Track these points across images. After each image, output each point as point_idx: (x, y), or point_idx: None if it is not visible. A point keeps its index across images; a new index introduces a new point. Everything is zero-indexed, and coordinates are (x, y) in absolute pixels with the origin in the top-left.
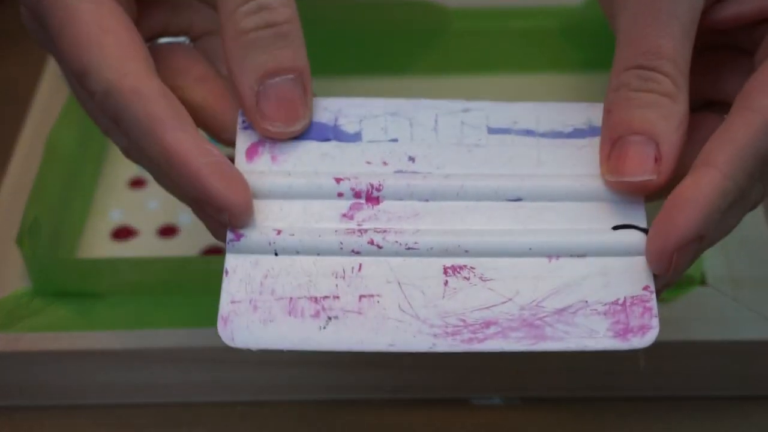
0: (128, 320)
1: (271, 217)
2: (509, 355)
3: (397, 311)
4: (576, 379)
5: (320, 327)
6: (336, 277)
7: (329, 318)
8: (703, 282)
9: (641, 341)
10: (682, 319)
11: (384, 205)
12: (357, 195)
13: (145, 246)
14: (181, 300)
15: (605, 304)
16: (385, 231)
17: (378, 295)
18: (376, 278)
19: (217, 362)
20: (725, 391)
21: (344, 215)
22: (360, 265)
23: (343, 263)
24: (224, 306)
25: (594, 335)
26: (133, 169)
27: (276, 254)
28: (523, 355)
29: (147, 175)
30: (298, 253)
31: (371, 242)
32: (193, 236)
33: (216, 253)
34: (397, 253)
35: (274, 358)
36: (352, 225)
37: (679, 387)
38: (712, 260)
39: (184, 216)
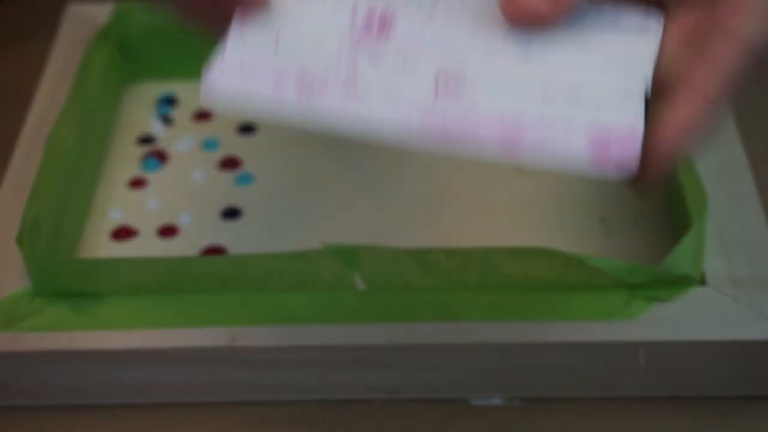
0: (128, 320)
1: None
2: (509, 356)
3: (382, 99)
4: (575, 378)
5: (301, 96)
6: (329, 67)
7: (312, 88)
8: (702, 282)
9: (616, 172)
10: (682, 319)
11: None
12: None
13: (145, 246)
14: (181, 300)
15: (593, 127)
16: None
17: (366, 87)
18: (368, 77)
19: (217, 362)
20: (725, 390)
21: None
22: (355, 65)
23: (340, 58)
24: (215, 61)
25: (571, 151)
26: (133, 169)
27: (277, 40)
28: (522, 356)
29: (147, 175)
30: (299, 38)
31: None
32: (193, 236)
33: (216, 252)
34: (393, 64)
35: (273, 358)
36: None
37: (679, 387)
38: (711, 260)
39: (184, 216)
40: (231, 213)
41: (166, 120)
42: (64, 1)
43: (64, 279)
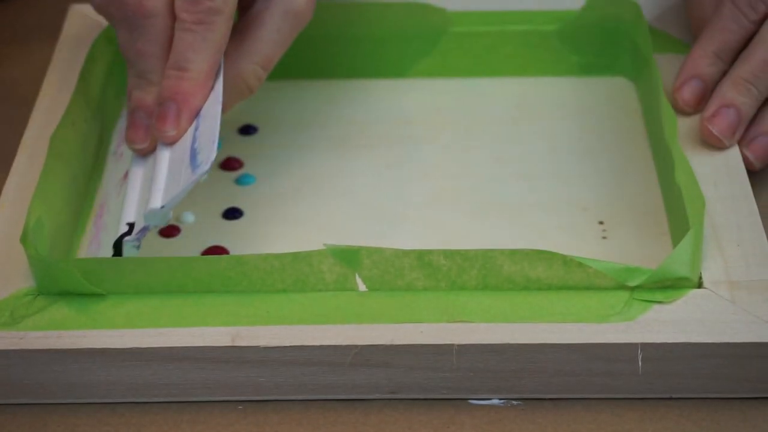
0: (130, 319)
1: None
2: (508, 357)
3: None
4: (574, 380)
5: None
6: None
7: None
8: (700, 284)
9: None
10: (680, 321)
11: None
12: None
13: (146, 246)
14: (183, 299)
15: None
16: None
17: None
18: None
19: (218, 361)
20: (722, 392)
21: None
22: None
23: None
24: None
25: None
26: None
27: None
28: (521, 357)
29: None
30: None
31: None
32: (194, 236)
33: (217, 252)
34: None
35: (274, 357)
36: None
37: (677, 388)
38: (709, 263)
39: (186, 216)
40: (232, 213)
41: None
42: (67, 2)
43: (66, 278)
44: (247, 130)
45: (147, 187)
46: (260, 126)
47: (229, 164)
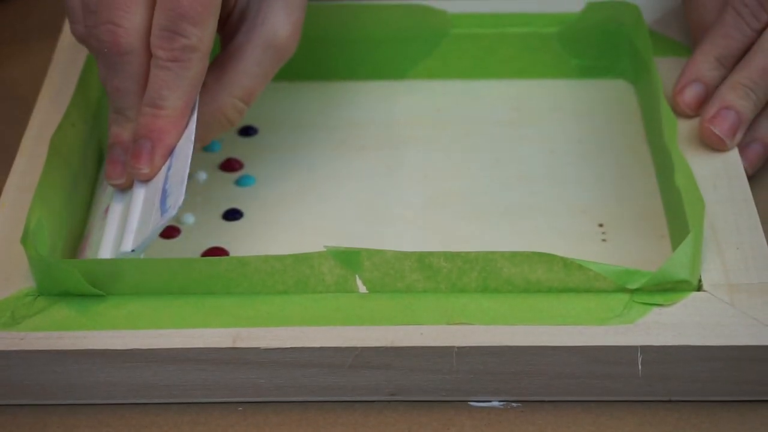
0: (131, 320)
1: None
2: (508, 359)
3: None
4: (574, 382)
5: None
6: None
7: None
8: (699, 287)
9: None
10: (679, 324)
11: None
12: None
13: (147, 247)
14: (183, 301)
15: None
16: None
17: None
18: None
19: (218, 363)
20: (722, 395)
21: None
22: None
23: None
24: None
25: None
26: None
27: None
28: (521, 359)
29: None
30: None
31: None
32: (195, 237)
33: (218, 254)
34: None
35: (275, 359)
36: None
37: (676, 391)
38: (708, 265)
39: (186, 217)
40: (232, 214)
41: None
42: None
43: (67, 279)
44: (248, 131)
45: (122, 225)
46: (261, 127)
47: (229, 165)
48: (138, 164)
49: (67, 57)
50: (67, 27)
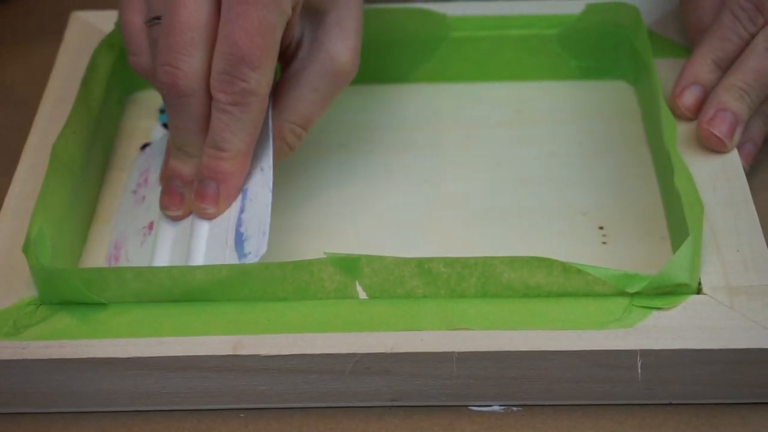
0: (132, 328)
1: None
2: (508, 363)
3: None
4: (574, 386)
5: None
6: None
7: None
8: (699, 290)
9: None
10: (679, 328)
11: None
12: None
13: None
14: (185, 308)
15: None
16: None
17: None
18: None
19: (219, 370)
20: (722, 398)
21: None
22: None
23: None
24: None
25: None
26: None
27: None
28: (521, 364)
29: None
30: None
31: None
32: None
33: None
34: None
35: (276, 366)
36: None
37: (676, 394)
38: (708, 269)
39: None
40: None
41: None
42: (68, 3)
43: (69, 288)
44: None
45: (178, 252)
46: None
47: None
48: (203, 204)
49: (69, 64)
50: (69, 31)
